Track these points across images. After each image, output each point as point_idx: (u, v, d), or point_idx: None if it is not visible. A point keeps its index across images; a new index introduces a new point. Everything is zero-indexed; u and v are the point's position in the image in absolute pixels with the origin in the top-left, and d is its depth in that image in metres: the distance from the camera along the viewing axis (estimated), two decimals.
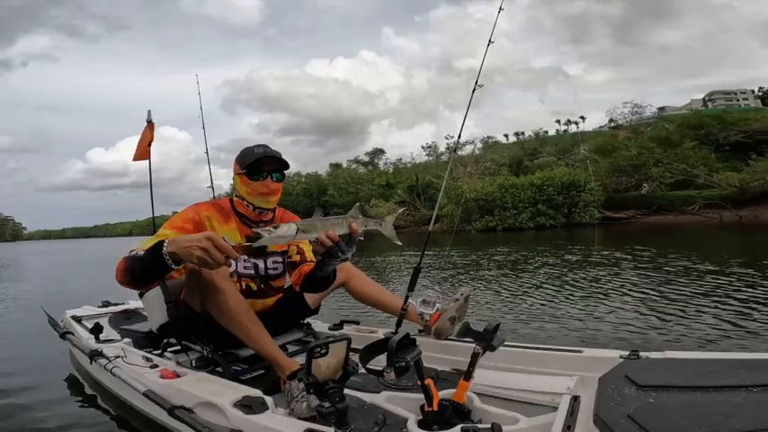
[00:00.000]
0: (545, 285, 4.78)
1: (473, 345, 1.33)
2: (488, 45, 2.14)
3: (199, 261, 1.22)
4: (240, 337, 1.58)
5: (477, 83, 2.10)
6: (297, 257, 1.84)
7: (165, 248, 1.26)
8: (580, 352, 1.60)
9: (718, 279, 4.60)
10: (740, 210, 17.59)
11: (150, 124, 2.32)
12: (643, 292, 4.11)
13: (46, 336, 2.67)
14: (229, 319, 1.56)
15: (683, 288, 4.22)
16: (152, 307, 1.92)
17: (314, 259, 1.73)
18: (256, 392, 1.41)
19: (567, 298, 4.09)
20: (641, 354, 1.45)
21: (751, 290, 3.97)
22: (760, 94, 53.29)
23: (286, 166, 1.77)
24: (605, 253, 7.82)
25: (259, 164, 1.70)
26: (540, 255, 8.35)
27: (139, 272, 1.34)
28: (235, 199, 1.81)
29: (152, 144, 2.34)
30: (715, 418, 1.00)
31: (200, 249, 1.20)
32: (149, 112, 2.32)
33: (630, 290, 4.26)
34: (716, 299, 3.65)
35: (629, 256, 7.11)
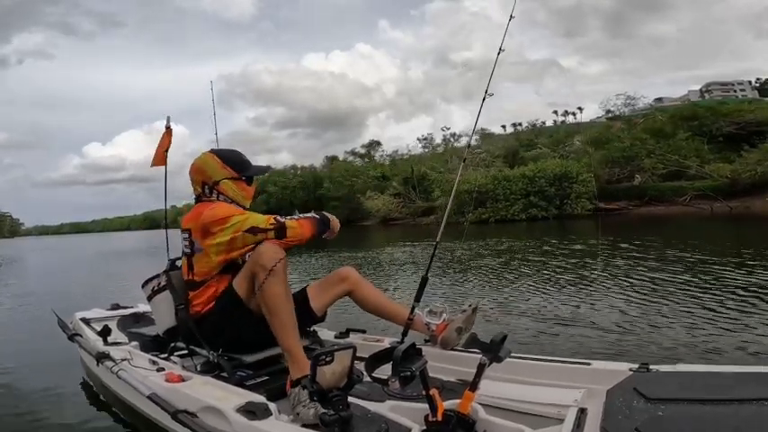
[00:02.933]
0: (549, 288, 4.72)
1: (479, 355, 1.32)
2: (498, 54, 2.13)
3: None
4: (276, 325, 1.59)
5: (486, 91, 2.09)
6: None
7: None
8: (588, 364, 1.58)
9: (725, 274, 4.59)
10: (730, 201, 17.57)
11: (168, 130, 2.34)
12: (648, 294, 4.06)
13: (56, 337, 2.70)
14: (276, 303, 1.58)
15: (689, 287, 4.19)
16: (160, 311, 1.93)
17: None
18: (260, 398, 1.41)
19: (573, 302, 4.03)
20: (652, 367, 1.43)
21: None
22: (757, 85, 52.87)
23: None
24: (606, 243, 7.78)
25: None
26: (538, 250, 8.33)
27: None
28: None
29: (168, 150, 2.35)
30: (725, 431, 0.99)
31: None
32: (168, 118, 2.33)
33: (634, 291, 4.21)
34: (726, 300, 3.60)
35: (630, 251, 7.07)
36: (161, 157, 2.35)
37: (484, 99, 2.09)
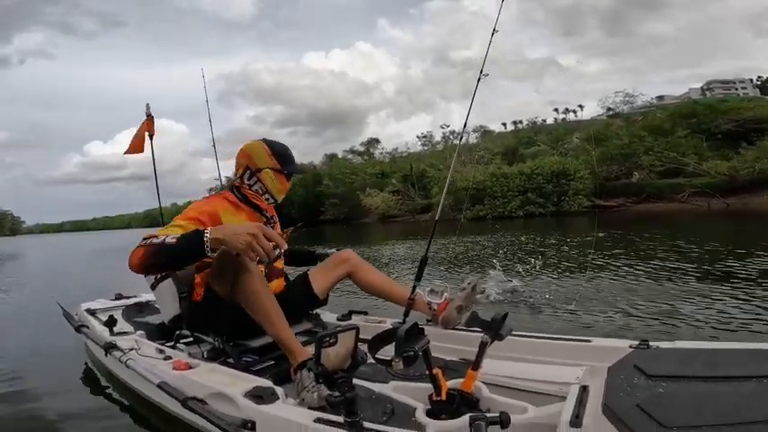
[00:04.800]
0: (548, 273, 4.75)
1: (481, 334, 1.33)
2: (492, 34, 2.12)
3: (246, 247, 1.29)
4: (261, 321, 1.59)
5: (481, 72, 2.08)
6: None
7: (206, 236, 1.33)
8: (589, 341, 1.59)
9: (723, 264, 4.58)
10: (728, 197, 17.58)
11: (149, 117, 2.32)
12: (647, 280, 4.08)
13: (61, 328, 2.72)
14: (254, 300, 1.57)
15: (686, 272, 4.22)
16: (164, 299, 1.95)
17: None
18: (267, 383, 1.43)
19: (572, 282, 4.07)
20: (651, 343, 1.44)
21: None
22: (758, 83, 52.35)
23: None
24: (604, 236, 7.81)
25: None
26: (536, 242, 8.35)
27: (171, 258, 1.40)
28: (251, 192, 1.84)
29: (153, 137, 2.34)
30: (725, 408, 1.00)
31: (250, 236, 1.29)
32: (148, 105, 2.31)
33: (635, 278, 4.23)
34: (724, 285, 3.61)
35: (630, 243, 7.09)
36: (136, 145, 2.34)
37: (479, 79, 2.09)
